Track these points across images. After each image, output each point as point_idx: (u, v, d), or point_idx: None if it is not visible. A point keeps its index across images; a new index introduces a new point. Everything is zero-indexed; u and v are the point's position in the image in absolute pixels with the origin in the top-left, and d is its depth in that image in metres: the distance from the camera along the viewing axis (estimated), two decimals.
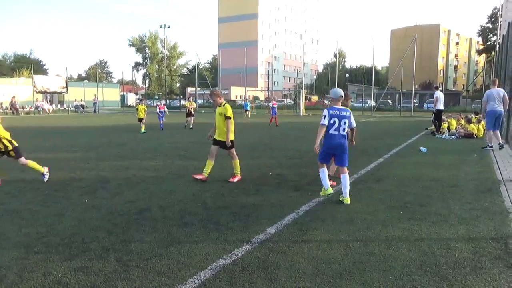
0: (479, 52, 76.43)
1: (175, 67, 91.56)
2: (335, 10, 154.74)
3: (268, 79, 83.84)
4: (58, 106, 47.17)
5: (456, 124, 16.75)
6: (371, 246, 3.88)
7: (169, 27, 58.15)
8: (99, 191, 6.25)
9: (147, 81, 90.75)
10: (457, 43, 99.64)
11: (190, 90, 64.27)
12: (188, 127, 19.44)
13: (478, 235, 4.18)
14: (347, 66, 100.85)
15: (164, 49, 72.63)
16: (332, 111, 5.51)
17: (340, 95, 5.62)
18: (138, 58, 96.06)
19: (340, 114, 5.50)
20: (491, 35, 64.16)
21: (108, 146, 12.32)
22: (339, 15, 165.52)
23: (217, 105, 6.93)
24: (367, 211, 5.04)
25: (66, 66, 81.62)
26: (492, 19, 62.58)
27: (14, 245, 3.93)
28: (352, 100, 7.10)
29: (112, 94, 58.83)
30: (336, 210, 5.13)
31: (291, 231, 4.32)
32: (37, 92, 40.04)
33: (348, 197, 5.46)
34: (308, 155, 9.98)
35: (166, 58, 72.24)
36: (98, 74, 73.04)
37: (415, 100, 43.35)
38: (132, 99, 61.84)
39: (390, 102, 50.35)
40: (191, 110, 19.99)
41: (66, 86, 42.71)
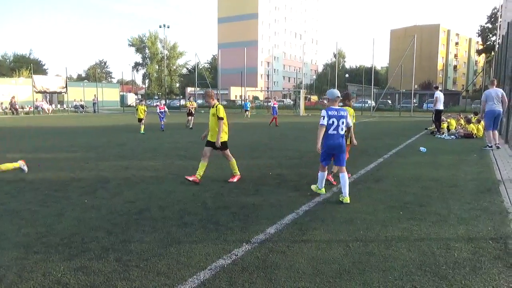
0: (479, 52, 76.46)
1: (174, 67, 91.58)
2: (335, 10, 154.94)
3: (268, 79, 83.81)
4: (58, 106, 47.09)
5: (455, 124, 16.76)
6: (370, 246, 3.88)
7: (168, 27, 58.21)
8: (98, 191, 6.25)
9: (146, 81, 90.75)
10: (456, 43, 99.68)
11: (189, 90, 64.26)
12: (188, 127, 19.48)
13: (477, 235, 4.18)
14: (347, 66, 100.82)
15: (163, 49, 72.66)
16: (330, 111, 5.62)
17: (337, 95, 5.75)
18: (138, 58, 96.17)
19: (338, 114, 5.62)
20: (490, 35, 64.18)
21: (108, 146, 12.32)
22: (338, 15, 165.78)
23: (210, 106, 6.93)
24: (367, 211, 5.05)
25: (65, 66, 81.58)
26: (492, 19, 62.59)
27: (13, 245, 3.93)
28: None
29: (111, 94, 58.81)
30: (336, 210, 5.13)
31: (290, 231, 4.33)
32: (36, 92, 40.01)
33: (347, 196, 5.48)
34: (308, 155, 9.98)
35: (166, 58, 72.19)
36: (97, 74, 73.00)
37: (414, 100, 43.36)
38: (131, 99, 61.80)
39: (389, 102, 50.38)
40: (192, 110, 20.03)
41: (66, 86, 42.70)
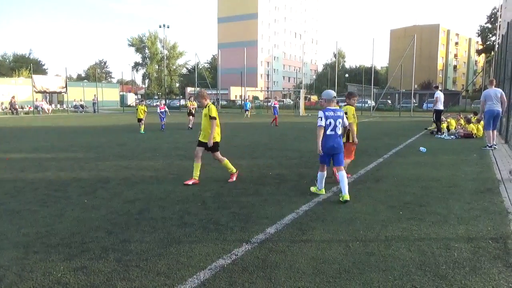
0: (479, 52, 76.51)
1: (174, 67, 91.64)
2: (335, 10, 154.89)
3: (268, 79, 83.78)
4: (58, 106, 47.10)
5: (455, 124, 16.77)
6: (370, 246, 3.88)
7: (168, 27, 58.26)
8: (98, 191, 6.25)
9: (146, 81, 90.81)
10: (456, 43, 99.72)
11: (189, 90, 64.21)
12: (189, 127, 19.46)
13: (477, 235, 4.18)
14: (347, 66, 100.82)
15: (163, 49, 72.61)
16: (327, 112, 5.68)
17: (333, 96, 5.86)
18: (138, 58, 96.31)
19: (335, 115, 5.70)
20: (490, 35, 64.23)
21: (108, 146, 12.32)
22: (338, 15, 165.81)
23: (203, 106, 6.86)
24: (367, 211, 5.05)
25: (65, 66, 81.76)
26: (492, 19, 62.65)
27: (13, 245, 3.93)
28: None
29: (111, 94, 58.77)
30: (336, 210, 5.13)
31: (290, 231, 4.33)
32: (36, 92, 40.00)
33: (347, 193, 5.50)
34: (308, 155, 9.98)
35: (166, 58, 72.16)
36: (97, 74, 72.94)
37: (414, 100, 43.37)
38: (131, 99, 61.78)
39: (389, 102, 50.39)
40: (192, 110, 20.02)
41: (66, 86, 42.67)
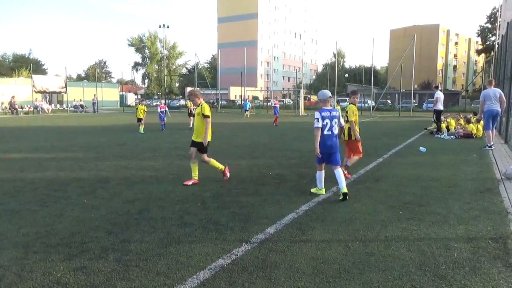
0: (478, 52, 76.49)
1: (174, 67, 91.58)
2: (335, 10, 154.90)
3: (268, 79, 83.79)
4: (57, 106, 47.07)
5: (455, 124, 16.77)
6: (370, 246, 3.88)
7: (168, 27, 58.11)
8: (98, 191, 6.25)
9: (146, 81, 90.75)
10: (456, 43, 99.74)
11: (189, 90, 64.08)
12: (190, 127, 19.45)
13: (477, 235, 4.18)
14: (347, 66, 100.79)
15: (163, 49, 72.54)
16: (323, 112, 5.74)
17: (329, 96, 5.92)
18: (137, 58, 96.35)
19: (331, 115, 5.77)
20: (490, 35, 64.20)
21: (108, 146, 12.32)
22: (338, 15, 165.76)
23: (196, 105, 6.78)
24: (367, 211, 5.05)
25: (65, 66, 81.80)
26: (491, 19, 62.61)
27: (13, 245, 3.93)
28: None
29: (111, 94, 58.71)
30: (336, 210, 5.13)
31: (290, 231, 4.33)
32: (36, 92, 39.96)
33: (345, 187, 5.58)
34: (308, 155, 9.98)
35: (166, 58, 72.13)
36: (97, 74, 72.91)
37: (414, 100, 43.38)
38: (131, 99, 61.73)
39: (389, 102, 50.40)
40: (193, 111, 20.01)
41: (65, 86, 42.61)
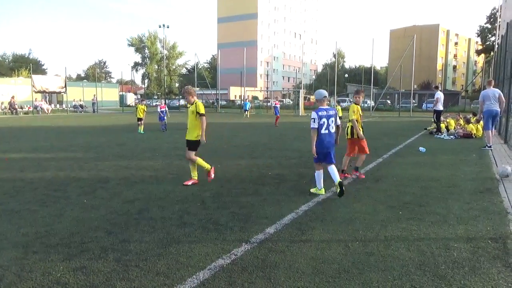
0: (478, 53, 76.55)
1: (174, 67, 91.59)
2: (334, 10, 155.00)
3: (267, 79, 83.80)
4: (57, 106, 47.06)
5: (454, 124, 16.77)
6: (370, 246, 3.88)
7: (168, 27, 57.99)
8: (98, 191, 6.25)
9: (146, 81, 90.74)
10: (456, 43, 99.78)
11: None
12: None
13: (476, 235, 4.18)
14: (346, 66, 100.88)
15: (163, 49, 72.54)
16: (320, 112, 5.77)
17: (324, 95, 5.96)
18: (137, 58, 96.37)
19: (328, 114, 5.81)
20: (490, 35, 64.23)
21: (107, 146, 12.31)
22: (338, 16, 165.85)
23: (189, 103, 6.67)
24: (366, 211, 5.05)
25: (65, 66, 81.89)
26: (491, 19, 62.66)
27: (12, 245, 3.93)
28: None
29: (111, 94, 58.78)
30: (335, 210, 5.13)
31: (290, 231, 4.33)
32: (36, 92, 39.95)
33: (339, 179, 5.69)
34: (307, 155, 9.98)
35: (165, 58, 72.10)
36: (97, 74, 72.89)
37: (414, 100, 43.41)
38: (131, 99, 61.73)
39: (389, 102, 50.45)
40: None
41: (65, 86, 42.62)
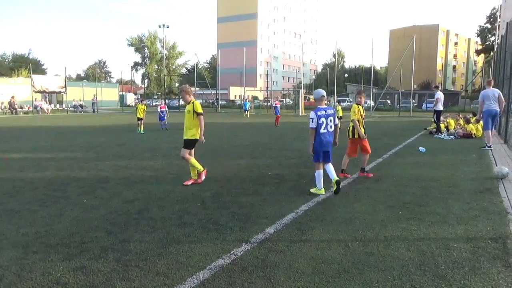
0: (478, 53, 76.52)
1: (174, 67, 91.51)
2: (334, 10, 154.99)
3: (267, 79, 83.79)
4: (57, 106, 47.05)
5: (454, 124, 16.77)
6: (370, 246, 3.88)
7: (168, 27, 57.97)
8: (98, 191, 6.24)
9: (146, 81, 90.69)
10: (455, 43, 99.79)
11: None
12: None
13: (476, 235, 4.19)
14: (346, 66, 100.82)
15: (163, 48, 72.49)
16: (318, 112, 5.81)
17: (322, 95, 6.01)
18: (137, 58, 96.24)
19: (326, 113, 5.86)
20: (489, 36, 64.21)
21: (107, 146, 12.31)
22: (338, 15, 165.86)
23: (186, 102, 6.63)
24: (366, 211, 5.05)
25: (64, 65, 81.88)
26: (491, 19, 62.62)
27: (12, 245, 3.93)
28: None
29: (111, 94, 58.78)
30: (335, 210, 5.13)
31: (290, 231, 4.33)
32: (35, 92, 39.95)
33: (336, 177, 5.84)
34: (307, 155, 9.96)
35: (165, 58, 72.10)
36: (97, 74, 72.87)
37: (413, 100, 43.41)
38: (131, 99, 61.75)
39: (389, 102, 50.44)
40: None
41: (65, 86, 42.62)
